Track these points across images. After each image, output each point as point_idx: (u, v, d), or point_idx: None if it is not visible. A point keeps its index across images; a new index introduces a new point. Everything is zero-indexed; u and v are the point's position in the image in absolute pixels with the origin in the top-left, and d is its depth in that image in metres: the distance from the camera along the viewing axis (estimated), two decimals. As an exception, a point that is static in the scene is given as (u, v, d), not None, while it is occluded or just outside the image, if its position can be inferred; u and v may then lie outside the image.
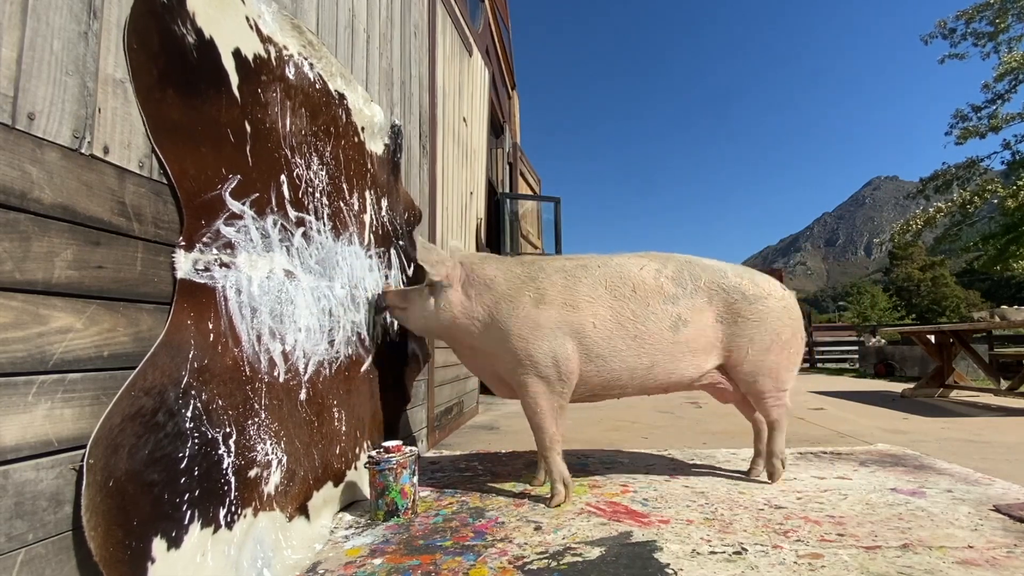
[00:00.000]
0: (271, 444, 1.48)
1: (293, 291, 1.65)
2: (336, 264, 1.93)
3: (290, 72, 1.71)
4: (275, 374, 1.54)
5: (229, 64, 1.42)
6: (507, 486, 2.18)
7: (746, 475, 2.31)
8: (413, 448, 1.94)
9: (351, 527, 1.73)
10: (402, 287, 2.34)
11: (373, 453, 1.88)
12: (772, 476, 2.21)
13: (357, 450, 2.00)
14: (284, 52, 1.69)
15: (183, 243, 1.22)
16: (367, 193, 2.22)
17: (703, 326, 2.10)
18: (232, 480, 1.31)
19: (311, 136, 1.82)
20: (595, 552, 1.49)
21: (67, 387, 0.96)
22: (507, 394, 2.22)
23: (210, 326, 1.29)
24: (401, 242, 2.58)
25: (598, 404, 4.79)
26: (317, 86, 1.87)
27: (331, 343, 1.87)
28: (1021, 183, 12.13)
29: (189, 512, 1.17)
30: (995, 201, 13.05)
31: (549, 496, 1.97)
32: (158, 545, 1.07)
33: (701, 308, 2.10)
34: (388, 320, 2.37)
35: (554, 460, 2.00)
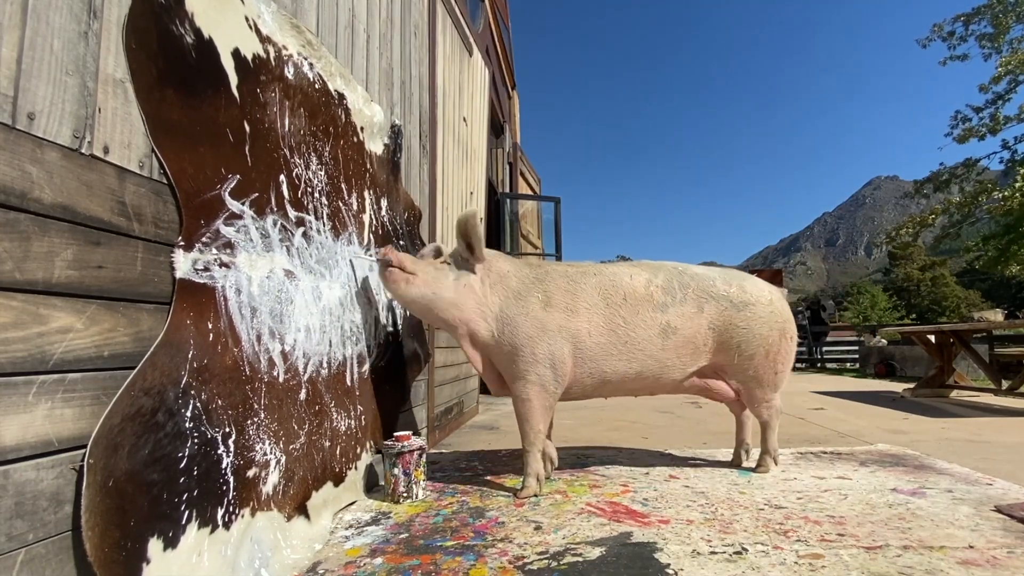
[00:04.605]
0: (270, 444, 1.48)
1: (293, 291, 1.65)
2: (336, 264, 1.93)
3: (289, 72, 1.71)
4: (275, 374, 1.54)
5: (228, 64, 1.42)
6: (507, 486, 2.18)
7: (731, 463, 2.50)
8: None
9: (351, 527, 1.73)
10: (411, 255, 2.22)
11: (407, 442, 2.02)
12: (762, 469, 2.35)
13: (358, 450, 2.00)
14: (283, 52, 1.69)
15: (182, 243, 1.22)
16: (366, 193, 2.22)
17: (693, 333, 2.18)
18: (231, 480, 1.31)
19: (310, 136, 1.82)
20: (595, 552, 1.49)
21: (67, 387, 0.96)
22: (499, 390, 2.23)
23: (210, 326, 1.29)
24: (401, 242, 2.58)
25: (598, 404, 4.78)
26: (316, 86, 1.87)
27: (331, 343, 1.86)
28: (1018, 184, 12.11)
29: (187, 512, 1.16)
30: (992, 204, 13.05)
31: (520, 488, 2.06)
32: (154, 545, 1.07)
33: (692, 315, 2.18)
34: (388, 320, 2.37)
35: (533, 455, 2.08)
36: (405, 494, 1.98)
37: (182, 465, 1.17)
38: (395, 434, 2.07)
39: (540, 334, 2.04)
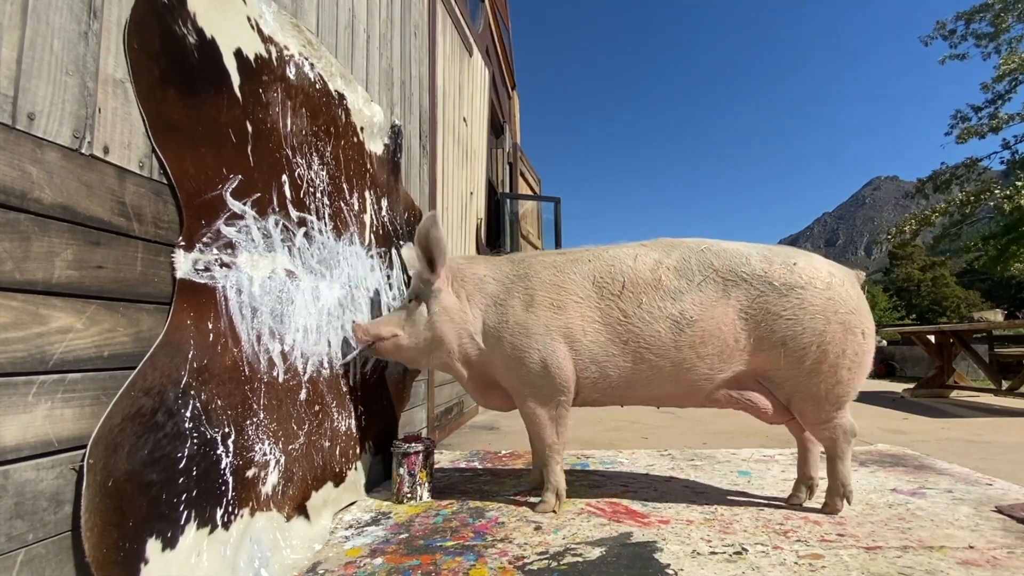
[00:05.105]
0: (269, 444, 1.48)
1: (294, 291, 1.65)
2: (337, 264, 1.93)
3: (291, 72, 1.71)
4: (274, 374, 1.54)
5: (230, 64, 1.42)
6: (507, 486, 2.18)
7: (786, 501, 1.93)
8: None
9: (351, 527, 1.73)
10: (378, 318, 2.08)
11: (413, 443, 2.04)
12: (828, 510, 1.82)
13: (358, 450, 2.00)
14: (285, 52, 1.69)
15: (183, 243, 1.22)
16: (367, 193, 2.22)
17: (716, 325, 1.77)
18: (230, 480, 1.31)
19: (311, 136, 1.82)
20: (595, 552, 1.49)
21: (67, 387, 0.96)
22: (509, 407, 2.08)
23: (210, 326, 1.29)
24: (402, 242, 2.58)
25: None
26: (317, 86, 1.87)
27: (329, 343, 1.86)
28: (1020, 183, 12.12)
29: (186, 512, 1.16)
30: (991, 203, 13.05)
31: (538, 502, 1.89)
32: (152, 546, 1.07)
33: (713, 303, 1.77)
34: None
35: (553, 470, 1.89)
36: (409, 495, 1.97)
37: (181, 465, 1.17)
38: (405, 435, 2.06)
39: (526, 341, 1.82)
